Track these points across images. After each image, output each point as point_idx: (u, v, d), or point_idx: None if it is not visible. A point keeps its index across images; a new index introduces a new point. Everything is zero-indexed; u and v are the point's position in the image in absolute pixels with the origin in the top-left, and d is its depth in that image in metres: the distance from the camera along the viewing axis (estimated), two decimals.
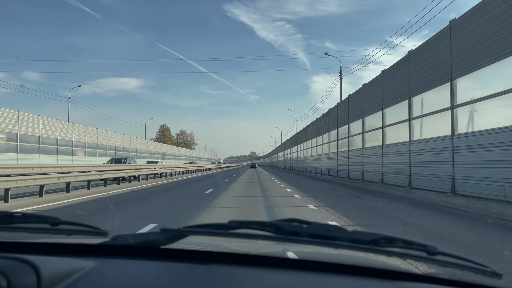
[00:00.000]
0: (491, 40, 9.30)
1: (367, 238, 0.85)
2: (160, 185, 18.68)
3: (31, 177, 11.44)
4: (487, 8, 9.55)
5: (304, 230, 0.88)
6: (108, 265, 0.93)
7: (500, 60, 9.03)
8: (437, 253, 0.84)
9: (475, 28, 9.97)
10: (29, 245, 1.08)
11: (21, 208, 9.19)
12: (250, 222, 0.93)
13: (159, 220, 7.13)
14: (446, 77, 11.29)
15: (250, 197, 12.64)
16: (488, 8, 9.50)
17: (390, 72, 16.18)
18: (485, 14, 9.59)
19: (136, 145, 48.62)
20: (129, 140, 46.11)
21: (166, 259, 0.98)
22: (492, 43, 9.27)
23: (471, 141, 10.13)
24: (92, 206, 9.59)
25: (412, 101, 13.85)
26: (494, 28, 9.22)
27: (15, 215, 1.03)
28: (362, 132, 19.92)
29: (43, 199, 11.27)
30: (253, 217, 7.84)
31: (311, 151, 36.21)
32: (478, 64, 9.80)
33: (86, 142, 34.35)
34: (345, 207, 9.63)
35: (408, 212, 8.90)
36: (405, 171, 14.06)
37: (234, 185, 18.88)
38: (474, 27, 10.04)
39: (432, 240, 5.41)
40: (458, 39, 10.79)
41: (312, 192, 14.51)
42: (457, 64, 10.83)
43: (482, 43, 9.64)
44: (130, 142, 46.21)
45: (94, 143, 36.01)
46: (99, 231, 1.03)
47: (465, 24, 10.45)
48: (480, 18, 9.81)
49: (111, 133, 40.57)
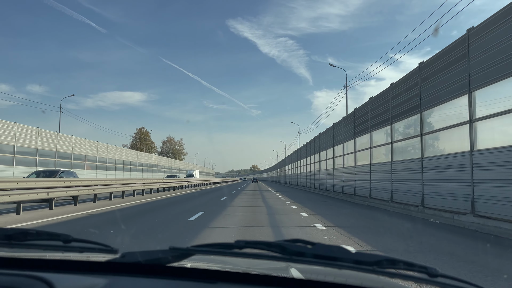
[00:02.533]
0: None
1: (369, 260, 0.87)
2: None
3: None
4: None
5: (309, 250, 0.90)
6: (118, 283, 0.94)
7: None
8: (438, 275, 0.84)
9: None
10: (42, 262, 1.09)
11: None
12: (256, 242, 0.94)
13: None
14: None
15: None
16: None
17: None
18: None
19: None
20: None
21: (174, 277, 0.99)
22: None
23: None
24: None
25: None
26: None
27: (29, 232, 1.06)
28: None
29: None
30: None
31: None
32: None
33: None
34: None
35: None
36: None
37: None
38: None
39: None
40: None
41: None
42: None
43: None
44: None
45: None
46: (110, 248, 1.05)
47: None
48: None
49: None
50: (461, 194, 10.47)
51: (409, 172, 14.08)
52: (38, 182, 12.37)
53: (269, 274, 1.11)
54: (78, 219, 10.01)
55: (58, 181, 13.42)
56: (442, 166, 11.72)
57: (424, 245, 6.73)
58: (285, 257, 0.90)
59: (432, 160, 12.43)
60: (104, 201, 15.77)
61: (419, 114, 13.34)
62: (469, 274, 4.57)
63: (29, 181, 11.81)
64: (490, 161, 9.46)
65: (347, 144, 23.79)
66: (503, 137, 9.37)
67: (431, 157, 12.55)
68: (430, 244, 6.87)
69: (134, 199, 18.29)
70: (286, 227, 9.27)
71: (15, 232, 1.04)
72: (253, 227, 8.87)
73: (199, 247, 1.00)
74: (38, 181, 12.48)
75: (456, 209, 10.63)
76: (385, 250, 6.22)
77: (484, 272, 4.69)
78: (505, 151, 8.89)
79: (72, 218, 10.04)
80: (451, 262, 5.28)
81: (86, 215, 10.95)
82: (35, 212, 11.30)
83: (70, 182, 14.18)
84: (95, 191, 15.38)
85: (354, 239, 7.17)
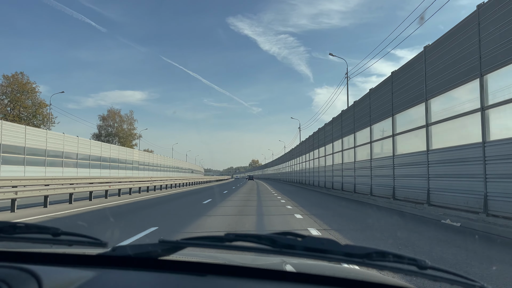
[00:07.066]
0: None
1: (359, 252, 0.87)
2: None
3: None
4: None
5: (299, 243, 0.90)
6: (107, 276, 0.94)
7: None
8: (427, 268, 0.85)
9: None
10: (31, 255, 1.09)
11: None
12: (246, 235, 0.94)
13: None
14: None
15: None
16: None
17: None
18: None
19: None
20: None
21: (164, 270, 0.98)
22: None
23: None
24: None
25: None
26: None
27: (17, 225, 1.05)
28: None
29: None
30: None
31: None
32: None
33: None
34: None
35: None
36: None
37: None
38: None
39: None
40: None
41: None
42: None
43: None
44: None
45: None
46: (99, 242, 1.03)
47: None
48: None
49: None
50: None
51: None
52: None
53: (259, 266, 1.11)
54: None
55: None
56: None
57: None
58: (275, 249, 0.90)
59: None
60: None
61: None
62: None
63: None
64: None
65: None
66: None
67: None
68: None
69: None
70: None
71: (4, 225, 1.04)
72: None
73: (189, 240, 0.99)
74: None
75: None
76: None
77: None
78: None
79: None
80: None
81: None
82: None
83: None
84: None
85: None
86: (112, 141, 61.09)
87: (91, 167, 34.15)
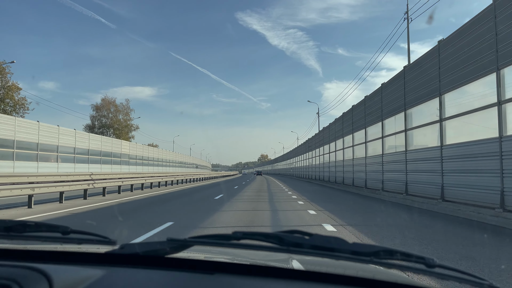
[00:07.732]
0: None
1: (367, 250, 0.87)
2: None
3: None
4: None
5: (306, 241, 0.90)
6: (116, 274, 0.95)
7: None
8: (435, 266, 0.84)
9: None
10: (41, 253, 1.09)
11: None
12: (253, 233, 0.94)
13: None
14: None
15: None
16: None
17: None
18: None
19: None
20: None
21: (172, 268, 0.98)
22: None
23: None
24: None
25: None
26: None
27: (27, 223, 1.05)
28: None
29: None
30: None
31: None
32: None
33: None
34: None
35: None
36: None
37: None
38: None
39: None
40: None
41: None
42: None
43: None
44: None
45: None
46: (108, 240, 1.06)
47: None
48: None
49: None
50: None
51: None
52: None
53: (267, 264, 1.12)
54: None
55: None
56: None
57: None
58: (283, 248, 0.90)
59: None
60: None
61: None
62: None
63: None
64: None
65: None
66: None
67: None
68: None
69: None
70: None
71: (14, 224, 1.05)
72: None
73: (197, 238, 1.00)
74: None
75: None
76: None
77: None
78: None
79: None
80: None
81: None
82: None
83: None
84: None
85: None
86: (106, 132, 56.34)
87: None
